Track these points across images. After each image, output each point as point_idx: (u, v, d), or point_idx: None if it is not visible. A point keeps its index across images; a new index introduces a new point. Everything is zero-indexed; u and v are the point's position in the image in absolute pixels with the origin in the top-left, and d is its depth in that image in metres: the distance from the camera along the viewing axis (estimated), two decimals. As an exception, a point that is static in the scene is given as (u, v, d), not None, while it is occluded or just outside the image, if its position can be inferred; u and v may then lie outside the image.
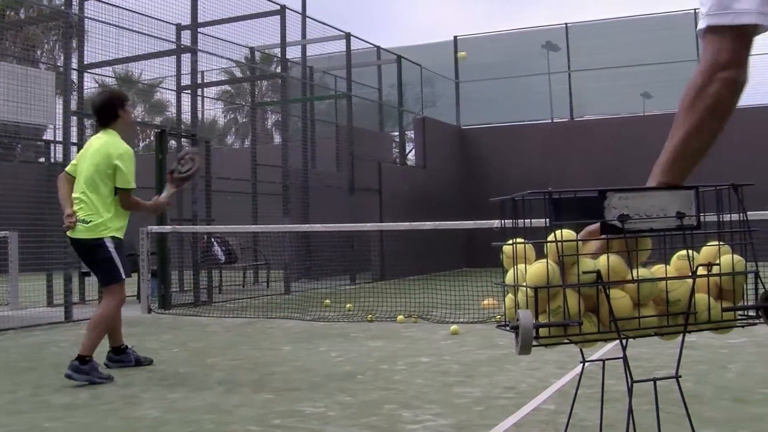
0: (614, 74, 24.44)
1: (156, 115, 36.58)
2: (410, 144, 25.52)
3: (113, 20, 13.72)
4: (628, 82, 24.66)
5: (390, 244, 18.65)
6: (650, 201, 3.62)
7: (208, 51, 16.05)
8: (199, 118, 18.43)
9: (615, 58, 24.21)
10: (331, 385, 6.41)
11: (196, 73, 15.79)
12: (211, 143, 16.07)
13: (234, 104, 37.47)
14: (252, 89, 22.40)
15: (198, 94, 17.46)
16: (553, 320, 3.56)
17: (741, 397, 5.53)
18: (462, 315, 10.96)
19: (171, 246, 14.04)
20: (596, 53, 24.59)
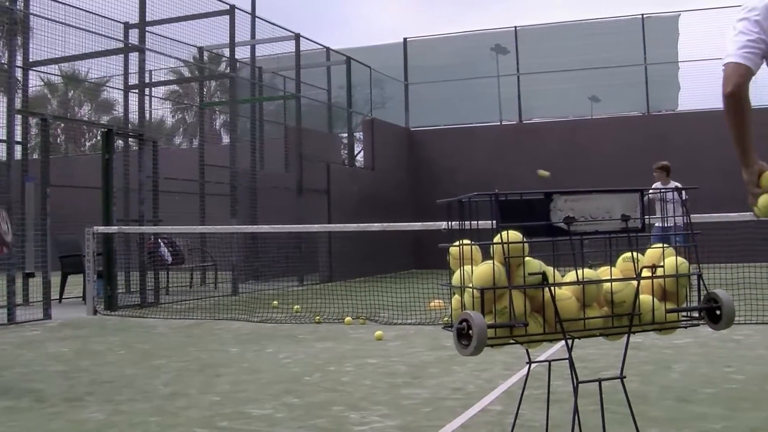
0: (563, 77, 24.65)
1: (103, 115, 36.15)
2: (359, 145, 25.52)
3: (60, 17, 13.57)
4: (576, 86, 24.89)
5: (338, 246, 18.64)
6: (596, 203, 3.67)
7: (157, 50, 15.93)
8: (147, 117, 18.26)
9: (563, 61, 24.43)
10: (278, 386, 6.39)
11: (144, 72, 15.66)
12: (159, 143, 15.94)
13: (182, 104, 37.24)
14: (200, 89, 22.31)
15: (146, 93, 17.32)
16: (500, 321, 3.60)
17: (685, 396, 5.61)
18: (410, 316, 10.99)
19: (117, 247, 13.91)
20: (545, 57, 24.80)
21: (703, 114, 22.86)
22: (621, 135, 23.01)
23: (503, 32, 25.53)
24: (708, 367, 6.69)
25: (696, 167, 20.40)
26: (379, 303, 12.08)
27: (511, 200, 3.65)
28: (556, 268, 3.77)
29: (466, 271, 3.74)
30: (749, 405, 5.30)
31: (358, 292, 12.92)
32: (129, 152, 15.24)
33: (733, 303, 3.89)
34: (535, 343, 3.82)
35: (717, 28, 22.61)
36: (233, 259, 16.97)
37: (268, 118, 22.13)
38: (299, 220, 17.98)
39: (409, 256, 22.41)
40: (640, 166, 21.66)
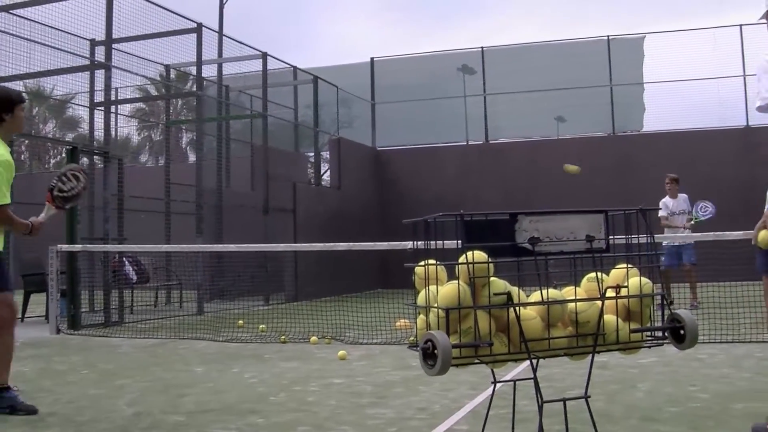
0: (529, 98, 24.82)
1: (68, 132, 35.96)
2: (325, 164, 25.50)
3: (25, 33, 13.49)
4: (542, 106, 25.05)
5: (304, 265, 18.61)
6: (561, 224, 3.70)
7: (123, 68, 15.87)
8: (113, 135, 18.20)
9: (530, 82, 24.61)
10: (243, 406, 6.36)
11: (110, 90, 15.58)
12: (125, 161, 15.85)
13: (148, 122, 37.10)
14: (167, 107, 22.19)
15: (111, 111, 17.24)
16: (464, 341, 3.61)
17: (650, 415, 5.63)
18: (376, 336, 10.97)
19: (81, 265, 13.78)
20: (511, 77, 24.96)
21: (668, 135, 23.14)
22: (586, 155, 23.14)
23: (470, 52, 25.67)
24: (672, 386, 6.73)
25: (660, 188, 20.55)
26: (345, 322, 12.05)
27: (477, 220, 3.67)
28: (521, 288, 3.79)
29: (431, 291, 3.75)
30: (713, 423, 5.34)
31: (323, 312, 12.88)
32: (94, 170, 15.13)
33: (697, 322, 3.93)
34: (500, 362, 3.84)
35: (681, 51, 22.92)
36: (198, 278, 16.88)
37: (234, 137, 22.08)
38: (265, 239, 17.93)
39: (376, 276, 22.40)
40: (606, 186, 21.86)
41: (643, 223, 3.89)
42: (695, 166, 21.30)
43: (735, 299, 10.81)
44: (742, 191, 15.93)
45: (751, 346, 9.12)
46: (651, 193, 18.39)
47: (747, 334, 9.79)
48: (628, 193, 20.54)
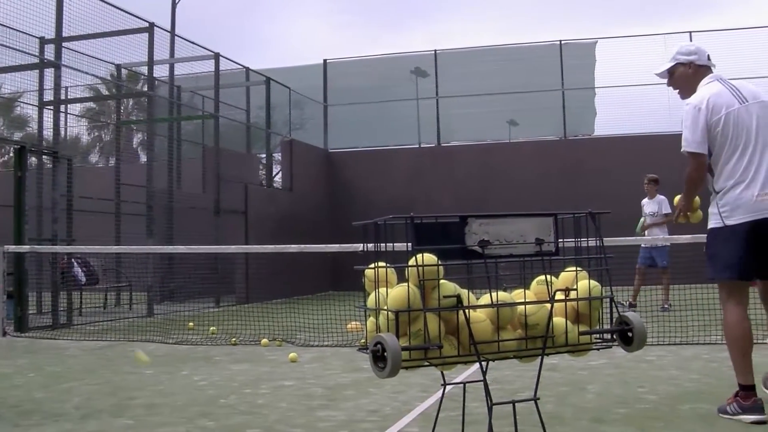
0: (481, 101, 24.94)
1: (16, 131, 35.45)
2: (277, 166, 25.42)
3: (-29, 30, 13.29)
4: (494, 110, 25.19)
5: (255, 267, 18.53)
6: (510, 227, 3.71)
7: (73, 66, 15.68)
8: (62, 135, 17.98)
9: (483, 85, 24.73)
10: (192, 409, 6.31)
11: (60, 89, 15.40)
12: (74, 161, 15.66)
13: (99, 122, 36.69)
14: (117, 107, 22.01)
15: (61, 110, 17.04)
16: (414, 343, 3.61)
17: (599, 417, 5.67)
18: (327, 338, 10.95)
19: (29, 267, 13.61)
20: (464, 80, 25.07)
21: (618, 139, 23.35)
22: (538, 159, 23.33)
23: (423, 55, 25.75)
24: (622, 388, 6.78)
25: (611, 192, 20.76)
26: (296, 324, 12.02)
27: (427, 223, 3.67)
28: (471, 290, 3.79)
29: (381, 294, 3.74)
30: (662, 424, 5.38)
31: (274, 314, 12.83)
32: (43, 170, 14.95)
33: (645, 325, 3.96)
34: (450, 365, 3.84)
35: (632, 56, 23.14)
36: (149, 279, 16.75)
37: (186, 138, 21.94)
38: (216, 241, 17.85)
39: (327, 278, 22.38)
40: (557, 190, 22.02)
41: (592, 226, 3.92)
42: (645, 170, 21.45)
43: (684, 301, 10.93)
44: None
45: (698, 348, 9.23)
46: (602, 196, 18.60)
47: (695, 336, 9.91)
48: (579, 196, 20.71)
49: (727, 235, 5.52)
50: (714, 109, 5.57)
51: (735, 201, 5.48)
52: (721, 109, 5.57)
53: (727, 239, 5.52)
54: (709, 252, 5.68)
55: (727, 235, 5.51)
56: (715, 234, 5.62)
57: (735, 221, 5.47)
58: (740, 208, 5.46)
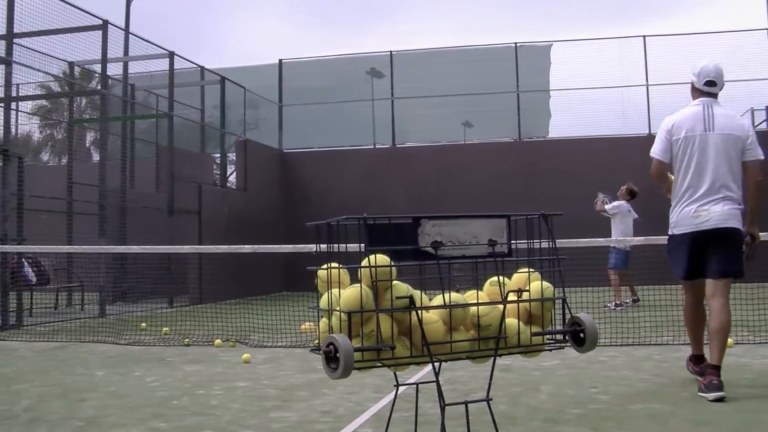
0: (437, 103, 25.00)
1: (-35, 129, 34.96)
2: (231, 166, 25.28)
3: None
4: (449, 111, 25.27)
5: (209, 267, 18.43)
6: (463, 228, 3.72)
7: (24, 63, 15.48)
8: (13, 132, 17.77)
9: (438, 87, 24.80)
10: (145, 411, 6.25)
11: (10, 86, 15.20)
12: (25, 159, 15.47)
13: (51, 120, 36.30)
14: (70, 105, 21.75)
15: (12, 107, 16.82)
16: (367, 344, 3.60)
17: (552, 417, 5.70)
18: (280, 339, 10.91)
19: (-22, 266, 13.44)
20: (420, 82, 25.12)
21: (573, 142, 23.53)
22: (492, 160, 23.43)
23: (379, 56, 25.76)
24: (575, 388, 6.82)
25: (565, 193, 20.91)
26: (250, 325, 11.96)
27: (380, 224, 3.66)
28: (424, 291, 3.80)
29: (334, 294, 3.73)
30: (613, 424, 5.42)
31: (228, 314, 12.77)
32: (-7, 168, 14.75)
33: (596, 326, 3.99)
34: (403, 366, 3.84)
35: (586, 59, 23.35)
36: (101, 279, 16.59)
37: (139, 137, 21.75)
38: (170, 241, 17.72)
39: (281, 278, 22.33)
40: (511, 191, 22.13)
41: (545, 227, 3.94)
42: (599, 172, 21.69)
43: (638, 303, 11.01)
44: (645, 198, 16.23)
45: (650, 348, 9.31)
46: (556, 198, 18.70)
47: (647, 336, 10.00)
48: (533, 198, 20.85)
49: (674, 243, 6.72)
50: (676, 130, 6.59)
51: (678, 215, 6.63)
52: (682, 131, 6.55)
53: (674, 245, 6.71)
54: (668, 254, 6.85)
55: (674, 243, 6.71)
56: (668, 240, 6.82)
57: (678, 231, 6.64)
58: (681, 221, 6.60)
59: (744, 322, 10.36)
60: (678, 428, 5.27)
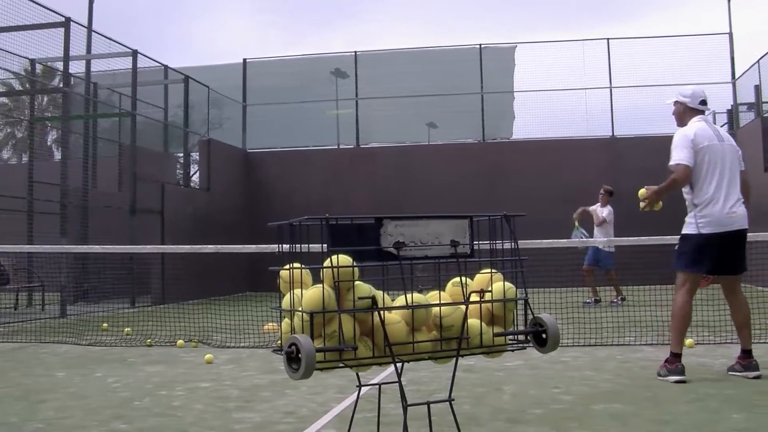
0: (401, 103, 25.04)
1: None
2: (195, 166, 25.16)
3: None
4: (414, 112, 25.31)
5: (171, 267, 18.32)
6: (426, 229, 3.72)
7: (-16, 61, 15.33)
8: (-27, 131, 17.59)
9: (402, 87, 24.84)
10: (106, 412, 6.20)
11: (-30, 84, 15.05)
12: (-15, 158, 15.32)
13: (11, 118, 35.98)
14: (31, 103, 21.56)
15: (-29, 106, 16.66)
16: (329, 345, 3.59)
17: (515, 417, 5.71)
18: (243, 339, 10.87)
19: (-64, 266, 13.28)
20: (384, 82, 25.14)
21: (536, 143, 23.66)
22: (456, 162, 23.49)
23: (343, 57, 25.76)
24: (537, 389, 6.84)
25: (528, 195, 21.02)
26: (213, 326, 11.92)
27: (342, 224, 3.66)
28: (386, 292, 3.79)
29: (296, 295, 3.72)
30: (576, 424, 5.44)
31: (191, 315, 12.70)
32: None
33: (558, 326, 4.00)
34: (365, 366, 3.84)
35: (550, 61, 23.48)
36: (62, 279, 16.44)
37: (102, 136, 21.59)
38: (132, 241, 17.61)
39: (244, 279, 22.27)
40: (475, 192, 22.19)
41: (507, 228, 3.95)
42: (562, 174, 21.87)
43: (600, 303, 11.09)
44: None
45: (612, 348, 9.36)
46: (519, 199, 18.78)
47: (609, 337, 10.06)
48: (496, 199, 20.91)
49: (700, 241, 7.10)
50: (698, 139, 7.18)
51: (709, 215, 7.08)
52: (704, 140, 7.19)
53: (699, 244, 7.11)
54: (682, 249, 7.26)
55: (700, 241, 7.10)
56: (690, 238, 7.20)
57: (708, 231, 7.07)
58: (713, 221, 7.07)
59: (704, 323, 10.45)
60: (640, 428, 5.31)
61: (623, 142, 23.35)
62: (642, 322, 11.24)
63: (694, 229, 7.17)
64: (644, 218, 9.02)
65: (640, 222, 14.42)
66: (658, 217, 8.17)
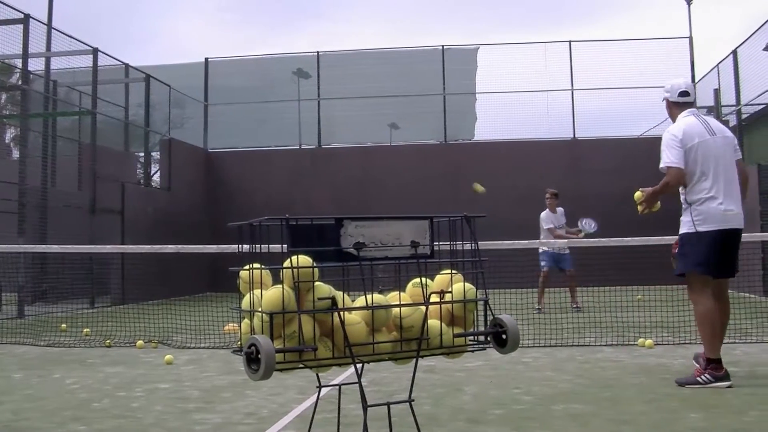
0: (363, 104, 25.05)
1: None
2: (156, 165, 25.00)
3: None
4: (376, 113, 25.33)
5: (132, 267, 18.20)
6: (386, 230, 3.72)
7: (-60, 57, 15.13)
8: (-72, 129, 17.37)
9: (365, 88, 24.85)
10: (64, 414, 6.14)
11: (-74, 80, 14.86)
12: (-59, 156, 15.13)
13: (-31, 116, 35.57)
14: (-11, 101, 21.34)
15: (-72, 103, 16.46)
16: (289, 345, 3.58)
17: (475, 418, 5.72)
18: (204, 340, 10.82)
19: None
20: (347, 83, 25.13)
21: (498, 144, 23.74)
22: (418, 163, 23.53)
23: (306, 57, 25.73)
24: (498, 389, 6.86)
25: (489, 196, 21.05)
26: (173, 326, 11.84)
27: (302, 225, 3.65)
28: (347, 293, 3.79)
29: (256, 295, 3.71)
30: (536, 424, 5.47)
31: (151, 315, 12.62)
32: None
33: (519, 327, 4.01)
34: (325, 367, 3.83)
35: (513, 63, 23.58)
36: (20, 279, 16.26)
37: (61, 134, 21.39)
38: (91, 241, 17.46)
39: (205, 279, 22.18)
40: (436, 193, 22.24)
41: (468, 229, 3.96)
42: (524, 175, 21.97)
43: (558, 304, 11.15)
44: (569, 200, 16.46)
45: (572, 349, 9.41)
46: (480, 200, 18.82)
47: (570, 338, 10.12)
48: (458, 200, 20.97)
49: (698, 239, 6.84)
50: (687, 138, 6.91)
51: (706, 212, 6.82)
52: (694, 138, 6.92)
53: (698, 242, 6.83)
54: (682, 251, 7.00)
55: (699, 239, 6.83)
56: (689, 238, 6.93)
57: (705, 228, 6.81)
58: (710, 218, 6.81)
59: (663, 324, 10.54)
60: (599, 428, 5.33)
61: (584, 143, 23.52)
62: (602, 323, 11.30)
63: (691, 228, 6.89)
64: (605, 220, 9.11)
65: (600, 223, 14.51)
66: (621, 221, 8.19)
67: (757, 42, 18.55)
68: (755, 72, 18.99)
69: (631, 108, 23.41)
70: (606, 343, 9.79)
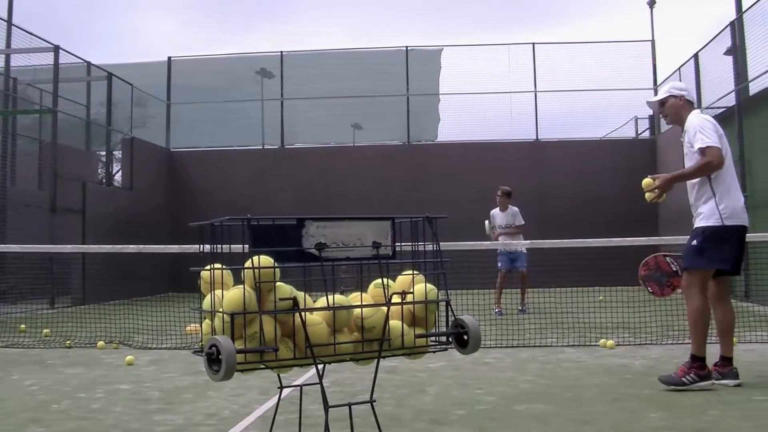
0: (326, 104, 25.03)
1: None
2: (117, 164, 24.83)
3: None
4: (339, 113, 25.32)
5: (92, 267, 18.07)
6: (348, 230, 3.72)
7: None
8: None
9: (328, 88, 24.84)
10: (22, 415, 6.08)
11: None
12: None
13: (-73, 114, 35.15)
14: (-53, 99, 21.08)
15: None
16: (250, 346, 3.57)
17: (437, 418, 5.73)
18: (165, 341, 10.75)
19: None
20: (310, 83, 25.09)
21: (461, 145, 23.83)
22: (381, 163, 23.55)
23: (269, 56, 25.66)
24: (460, 390, 6.87)
25: (452, 197, 21.14)
26: (134, 326, 11.77)
27: (264, 225, 3.64)
28: (308, 293, 3.78)
29: (217, 296, 3.69)
30: (498, 424, 5.48)
31: (112, 315, 12.54)
32: None
33: (480, 328, 4.02)
34: (286, 367, 3.82)
35: (476, 64, 23.66)
36: (-22, 279, 16.11)
37: (21, 132, 21.20)
38: (52, 240, 17.30)
39: (167, 279, 22.05)
40: (399, 194, 22.27)
41: (429, 230, 3.96)
42: (486, 176, 21.99)
43: (519, 305, 11.19)
44: (531, 202, 16.56)
45: (535, 350, 9.46)
46: (443, 201, 18.88)
47: (532, 338, 10.16)
48: (420, 201, 21.03)
49: (725, 234, 6.61)
50: (718, 126, 6.77)
51: (731, 206, 6.62)
52: (720, 129, 6.77)
53: (725, 238, 6.61)
54: (704, 246, 6.64)
55: (725, 234, 6.61)
56: (715, 231, 6.62)
57: (732, 223, 6.60)
58: (735, 213, 6.63)
59: (625, 324, 10.62)
60: (561, 428, 5.36)
61: (547, 145, 23.67)
62: (564, 324, 11.37)
63: (718, 221, 6.60)
64: (567, 221, 9.16)
65: (560, 224, 14.59)
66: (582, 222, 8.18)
67: (718, 46, 18.73)
68: (717, 75, 19.15)
69: (594, 110, 23.61)
70: (568, 343, 9.85)
